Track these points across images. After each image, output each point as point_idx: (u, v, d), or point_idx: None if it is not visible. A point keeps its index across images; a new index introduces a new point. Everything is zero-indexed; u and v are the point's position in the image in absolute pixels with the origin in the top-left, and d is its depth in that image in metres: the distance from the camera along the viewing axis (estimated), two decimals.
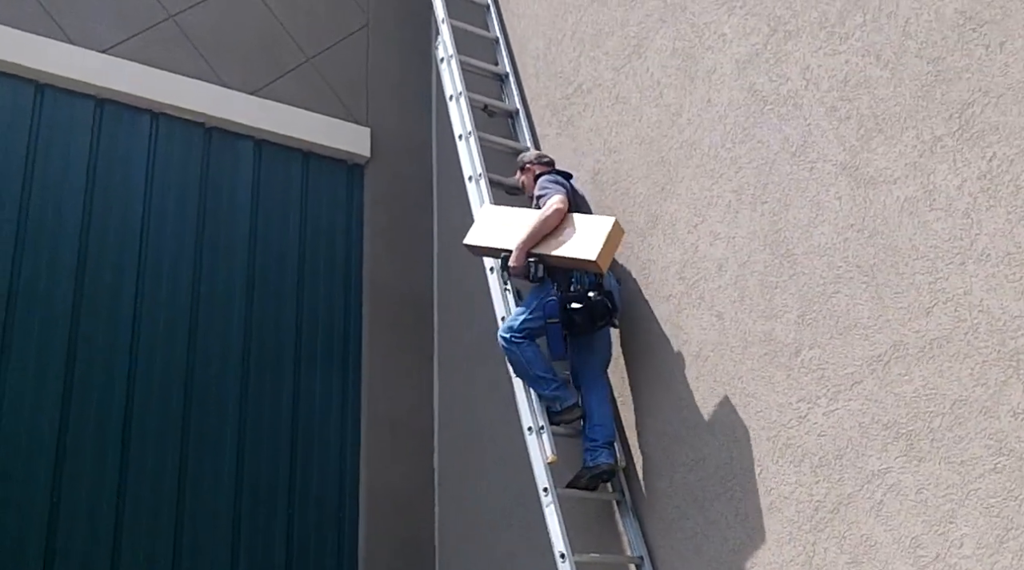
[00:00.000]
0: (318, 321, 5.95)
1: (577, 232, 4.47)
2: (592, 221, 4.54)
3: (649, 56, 4.95)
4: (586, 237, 4.42)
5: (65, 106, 5.46)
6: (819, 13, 4.08)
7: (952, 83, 3.52)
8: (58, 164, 5.35)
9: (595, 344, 4.66)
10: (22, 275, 5.07)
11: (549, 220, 4.51)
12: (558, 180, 4.77)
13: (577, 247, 4.41)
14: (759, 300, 4.13)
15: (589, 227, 4.47)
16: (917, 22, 3.68)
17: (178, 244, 5.59)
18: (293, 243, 6.01)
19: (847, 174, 3.85)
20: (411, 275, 6.34)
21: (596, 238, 4.38)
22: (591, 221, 4.53)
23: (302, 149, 6.21)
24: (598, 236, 4.38)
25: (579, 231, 4.47)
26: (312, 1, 6.55)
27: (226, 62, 6.02)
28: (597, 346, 4.67)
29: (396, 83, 6.69)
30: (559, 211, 4.52)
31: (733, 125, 4.41)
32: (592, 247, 4.35)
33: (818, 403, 3.80)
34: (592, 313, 4.40)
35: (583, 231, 4.46)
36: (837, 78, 3.96)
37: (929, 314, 3.46)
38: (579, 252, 4.39)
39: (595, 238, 4.38)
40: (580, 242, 4.42)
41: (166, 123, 5.76)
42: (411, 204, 6.50)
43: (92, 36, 5.59)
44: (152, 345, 5.34)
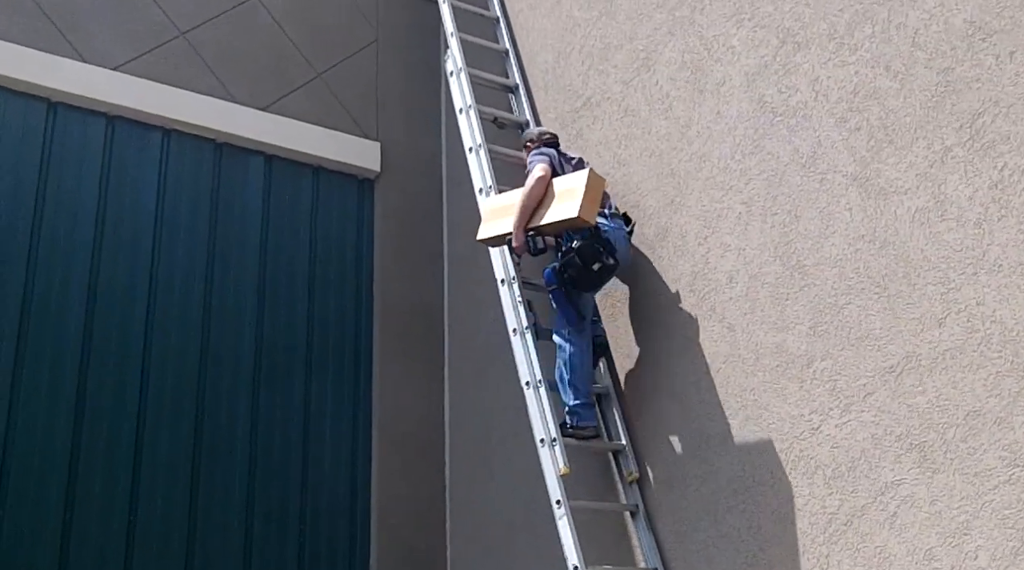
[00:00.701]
0: (329, 335, 5.97)
1: (559, 194, 4.57)
2: (569, 179, 4.63)
3: (658, 69, 4.96)
4: (567, 196, 4.52)
5: (77, 123, 5.49)
6: (828, 25, 4.09)
7: (962, 93, 3.52)
8: (70, 181, 5.38)
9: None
10: (35, 291, 5.10)
11: (534, 191, 4.59)
12: (542, 150, 4.84)
13: (560, 209, 4.51)
14: (770, 312, 4.12)
15: (567, 186, 4.57)
16: (926, 33, 3.69)
17: (189, 259, 5.61)
18: (304, 257, 6.03)
19: (857, 185, 3.85)
20: (421, 288, 6.35)
21: (575, 194, 4.47)
22: (568, 179, 4.63)
23: (312, 164, 6.24)
24: (576, 192, 4.47)
25: (560, 192, 4.57)
26: (322, 17, 6.58)
27: (236, 78, 6.06)
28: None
29: (406, 97, 6.72)
30: (541, 180, 4.60)
31: (743, 137, 4.41)
32: (572, 204, 4.44)
33: (831, 415, 3.79)
34: (582, 259, 4.46)
35: (564, 191, 4.56)
36: (847, 89, 3.97)
37: (942, 325, 3.45)
38: (563, 213, 4.48)
39: (574, 194, 4.47)
40: (562, 203, 4.52)
41: (177, 139, 5.79)
42: (421, 217, 6.52)
43: (104, 54, 5.62)
44: (164, 359, 5.35)
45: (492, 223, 4.88)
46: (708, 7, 4.72)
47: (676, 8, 4.91)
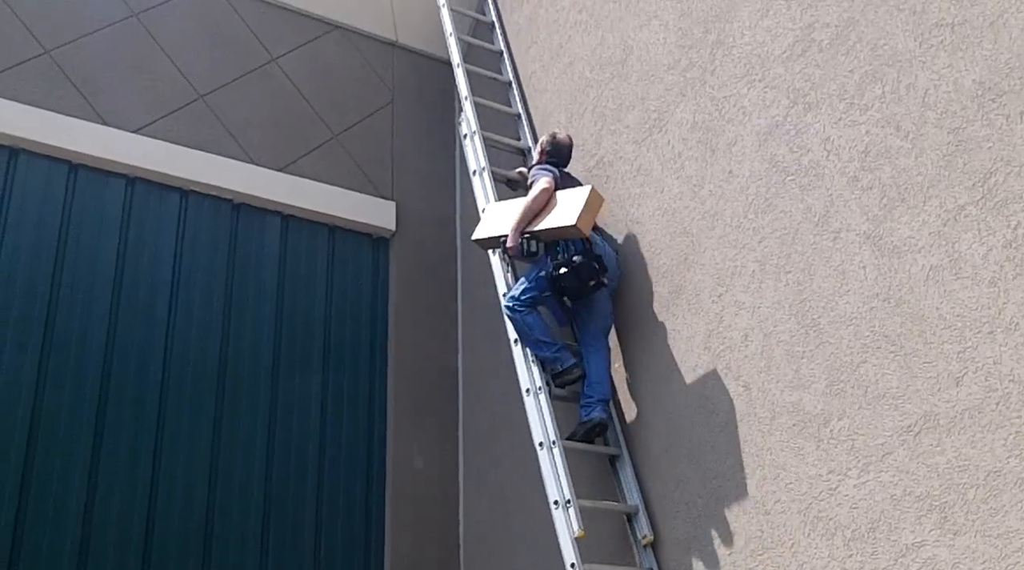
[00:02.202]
0: (343, 394, 5.97)
1: (559, 205, 4.88)
2: (572, 193, 4.92)
3: (670, 129, 5.01)
4: (566, 207, 4.83)
5: (97, 185, 5.58)
6: (838, 85, 4.13)
7: (974, 153, 3.54)
8: (89, 240, 5.45)
9: (594, 308, 4.95)
10: (53, 348, 5.14)
11: (537, 199, 4.89)
12: (546, 167, 5.12)
13: (559, 217, 4.81)
14: (786, 370, 4.10)
15: (569, 198, 4.88)
16: (936, 93, 3.72)
17: (206, 318, 5.65)
18: (319, 316, 6.06)
19: (871, 243, 3.85)
20: (436, 347, 6.36)
21: (575, 206, 4.78)
22: (571, 193, 4.92)
23: (328, 223, 6.30)
24: (577, 204, 4.79)
25: (560, 204, 4.88)
26: (339, 80, 6.70)
27: (254, 140, 6.15)
28: (596, 309, 4.95)
29: (421, 158, 6.80)
30: (545, 191, 4.90)
31: (755, 196, 4.43)
32: (571, 214, 4.75)
33: (849, 475, 3.74)
34: (579, 275, 4.75)
35: (564, 203, 4.87)
36: (858, 148, 3.99)
37: (959, 384, 3.42)
38: (561, 221, 4.78)
39: (574, 206, 4.78)
40: (561, 212, 4.83)
41: (195, 200, 5.86)
42: (435, 276, 6.55)
43: (124, 117, 5.73)
44: (178, 419, 5.36)
45: (489, 226, 5.19)
46: (719, 68, 4.78)
47: (687, 69, 4.97)
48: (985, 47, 3.57)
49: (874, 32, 4.02)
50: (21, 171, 5.38)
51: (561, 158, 5.27)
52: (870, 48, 4.02)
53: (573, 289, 4.81)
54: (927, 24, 3.81)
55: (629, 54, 5.40)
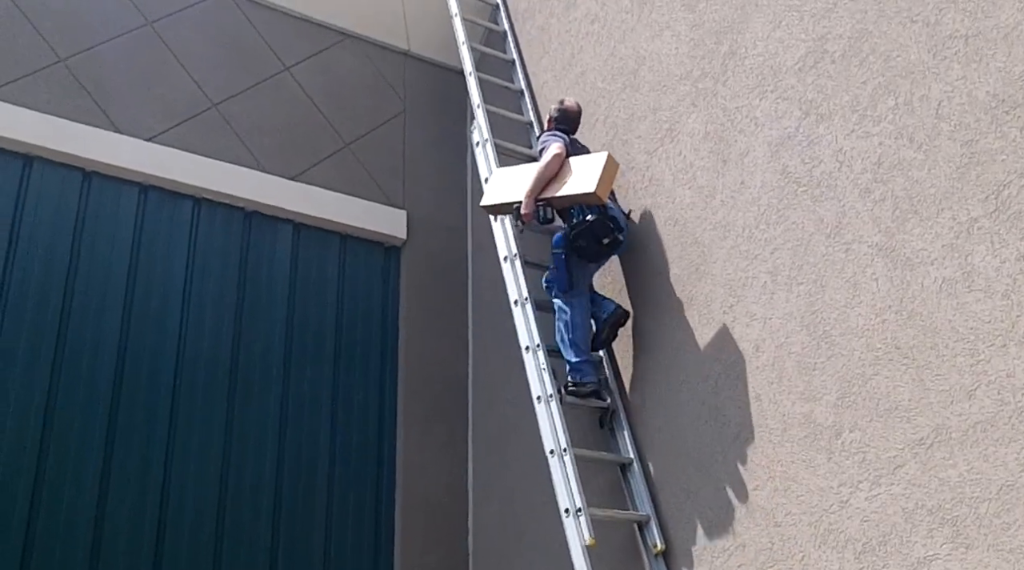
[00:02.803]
0: (353, 401, 5.98)
1: (575, 172, 4.90)
2: (588, 160, 4.96)
3: (682, 139, 5.01)
4: (584, 174, 4.85)
5: (110, 192, 5.61)
6: (851, 97, 4.13)
7: (987, 165, 3.53)
8: (102, 248, 5.47)
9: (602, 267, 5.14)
10: (66, 354, 5.17)
11: (550, 165, 4.92)
12: (556, 133, 5.17)
13: (577, 184, 4.83)
14: (797, 381, 4.09)
15: (586, 165, 4.90)
16: (949, 105, 3.71)
17: (217, 325, 5.67)
18: (330, 324, 6.07)
19: (883, 255, 3.84)
20: (446, 355, 6.37)
21: (593, 173, 4.80)
22: (587, 160, 4.96)
23: (339, 232, 6.32)
24: (594, 171, 4.81)
25: (577, 170, 4.90)
26: (351, 89, 6.73)
27: (267, 149, 6.18)
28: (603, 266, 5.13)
29: (432, 166, 6.82)
30: (557, 156, 4.94)
31: (767, 207, 4.43)
32: (590, 181, 4.77)
33: (860, 487, 3.73)
34: (594, 232, 4.84)
35: (580, 170, 4.89)
36: (870, 160, 3.98)
37: (971, 397, 3.41)
38: (579, 188, 4.80)
39: (592, 173, 4.81)
40: (579, 179, 4.84)
41: (207, 208, 5.89)
42: (446, 284, 6.57)
43: (138, 125, 5.76)
44: (190, 426, 5.38)
45: (499, 192, 5.15)
46: (731, 79, 4.78)
47: (699, 80, 4.98)
48: (999, 59, 3.57)
49: (887, 44, 4.02)
50: (35, 179, 5.41)
51: (570, 125, 5.32)
52: (883, 60, 4.02)
53: (589, 248, 4.90)
54: (940, 36, 3.80)
55: (641, 64, 5.41)
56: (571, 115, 5.34)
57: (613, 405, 4.99)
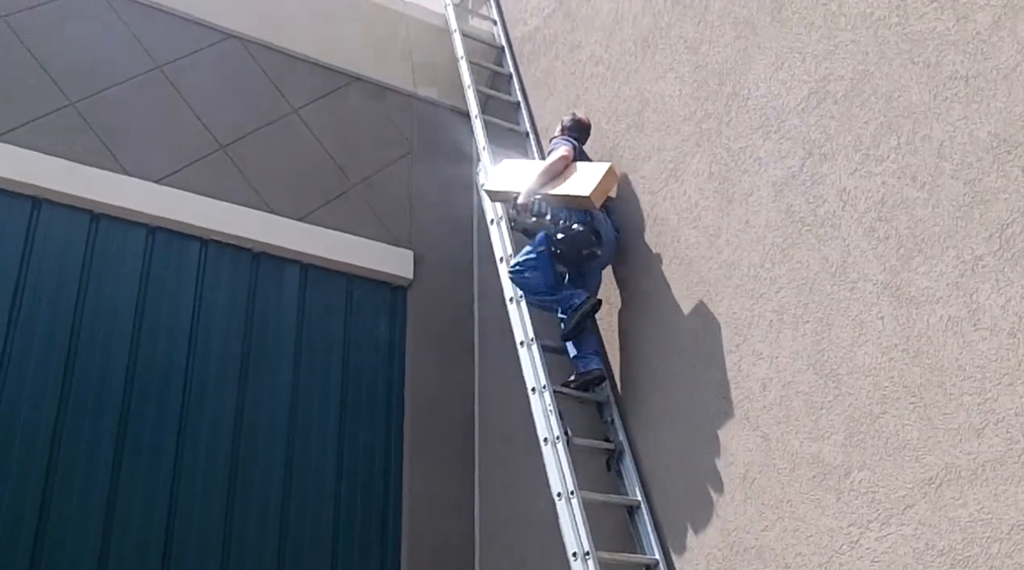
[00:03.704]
0: (359, 444, 5.95)
1: (576, 175, 5.13)
2: (590, 166, 5.20)
3: (686, 179, 5.04)
4: (584, 178, 5.08)
5: (118, 234, 5.64)
6: (853, 137, 4.16)
7: (990, 204, 3.55)
8: (109, 289, 5.49)
9: (587, 279, 5.28)
10: (71, 395, 5.16)
11: (555, 165, 5.18)
12: (566, 138, 5.43)
13: (575, 186, 5.06)
14: (805, 421, 4.08)
15: (587, 171, 5.15)
16: (951, 145, 3.74)
17: (223, 367, 5.66)
18: (336, 364, 6.07)
19: (889, 294, 3.85)
20: (452, 396, 6.35)
21: (592, 179, 5.04)
22: (590, 166, 5.20)
23: (346, 272, 6.34)
24: (594, 177, 5.05)
25: (578, 174, 5.14)
26: (358, 131, 6.78)
27: (274, 190, 6.22)
28: (588, 282, 5.28)
29: (438, 207, 6.85)
30: (564, 158, 5.20)
31: (772, 246, 4.45)
32: (587, 185, 5.01)
33: (870, 527, 3.70)
34: (576, 242, 5.05)
35: (582, 174, 5.13)
36: (874, 199, 4.01)
37: (980, 436, 3.40)
38: (576, 190, 5.04)
39: (591, 179, 5.05)
40: (578, 182, 5.08)
41: (215, 249, 5.91)
42: (452, 324, 6.57)
43: (146, 167, 5.81)
44: (194, 465, 5.35)
45: (504, 181, 5.45)
46: (734, 119, 4.82)
47: (703, 121, 5.02)
48: (999, 100, 3.60)
49: (888, 85, 4.06)
50: (44, 220, 5.44)
51: (580, 134, 5.56)
52: (885, 100, 4.06)
53: (568, 254, 5.12)
54: (941, 77, 3.84)
55: (645, 106, 5.46)
56: (583, 126, 5.61)
57: (620, 446, 4.98)
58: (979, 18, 3.75)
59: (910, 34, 4.02)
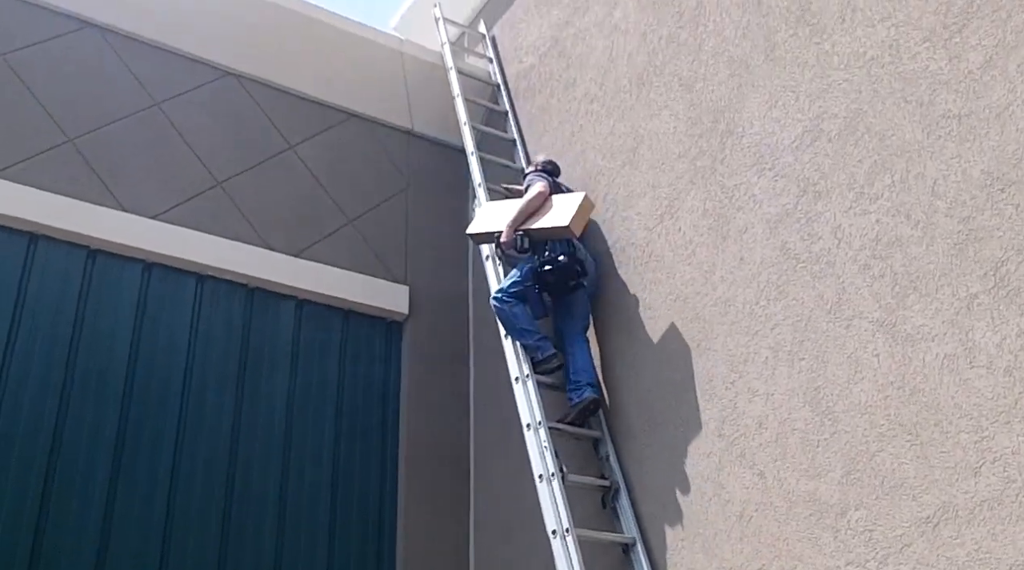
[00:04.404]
0: (354, 478, 5.91)
1: (554, 207, 5.30)
2: (567, 198, 5.36)
3: (681, 216, 5.06)
4: (561, 210, 5.24)
5: (115, 270, 5.63)
6: (847, 175, 4.18)
7: (984, 241, 3.56)
8: (105, 325, 5.47)
9: (574, 309, 5.35)
10: (66, 429, 5.12)
11: (532, 201, 5.33)
12: (541, 173, 5.60)
13: (554, 218, 5.23)
14: (801, 458, 4.06)
15: (564, 202, 5.31)
16: (945, 183, 3.76)
17: (218, 401, 5.64)
18: (331, 400, 6.04)
19: (884, 331, 3.85)
20: (447, 432, 6.33)
21: (569, 209, 5.20)
22: (566, 198, 5.37)
23: (342, 307, 6.34)
24: (571, 207, 5.21)
25: (556, 206, 5.30)
26: (354, 167, 6.81)
27: (271, 226, 6.23)
28: (576, 311, 5.35)
29: (434, 242, 6.87)
30: (540, 193, 5.35)
31: (767, 283, 4.45)
32: (565, 215, 5.16)
33: (867, 567, 3.68)
34: (563, 273, 5.19)
35: (558, 206, 5.29)
36: (869, 237, 4.02)
37: (977, 474, 3.38)
38: (555, 221, 5.20)
39: (568, 209, 5.20)
40: (555, 214, 5.24)
41: (211, 285, 5.91)
42: (448, 359, 6.56)
43: (143, 203, 5.82)
44: (188, 501, 5.31)
45: (484, 222, 5.58)
46: (728, 157, 4.85)
47: (697, 158, 5.05)
48: (992, 138, 3.63)
49: (882, 123, 4.09)
50: (40, 256, 5.44)
51: (554, 170, 5.76)
52: (878, 138, 4.09)
53: (555, 285, 5.26)
54: (934, 115, 3.88)
55: (640, 143, 5.50)
56: (555, 164, 5.82)
57: (615, 484, 4.95)
58: (971, 58, 3.79)
59: (903, 73, 4.06)
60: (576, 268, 5.23)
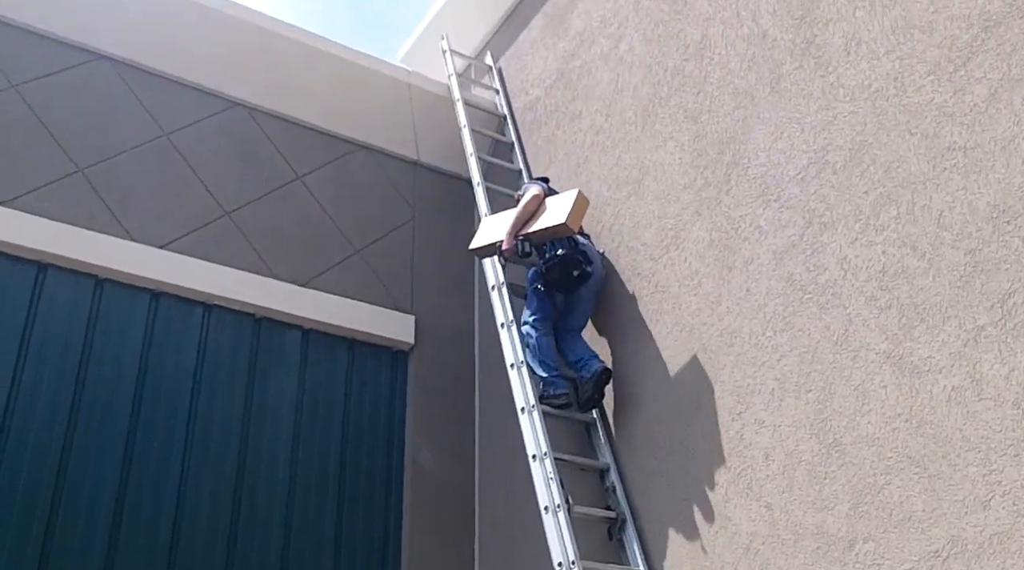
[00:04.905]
0: (359, 508, 5.89)
1: (550, 208, 5.37)
2: (561, 197, 5.42)
3: (687, 247, 5.07)
4: (557, 209, 5.31)
5: (122, 299, 5.65)
6: (853, 206, 4.19)
7: (991, 273, 3.56)
8: (112, 353, 5.48)
9: (576, 307, 5.46)
10: (72, 456, 5.13)
11: (528, 205, 5.40)
12: (535, 180, 5.73)
13: (550, 217, 5.29)
14: (809, 490, 4.04)
15: (559, 202, 5.37)
16: (951, 215, 3.77)
17: (224, 431, 5.64)
18: (336, 429, 6.04)
19: (891, 363, 3.84)
20: (452, 462, 6.31)
21: (564, 206, 5.26)
22: (560, 197, 5.43)
23: (348, 337, 6.34)
24: (566, 205, 5.26)
25: (551, 207, 5.37)
26: (361, 197, 6.85)
27: (278, 255, 6.25)
28: (577, 309, 5.46)
29: (440, 272, 6.89)
30: (536, 197, 5.43)
31: (773, 314, 4.45)
32: (562, 213, 5.22)
33: None
34: (566, 265, 5.25)
35: (554, 206, 5.36)
36: (875, 268, 4.02)
37: (987, 508, 3.36)
38: (552, 220, 5.25)
39: (564, 207, 5.26)
40: (552, 213, 5.31)
41: (218, 314, 5.93)
42: (453, 389, 6.55)
43: (152, 233, 5.85)
44: (193, 531, 5.29)
45: (485, 236, 5.66)
46: (734, 188, 4.87)
47: (703, 189, 5.07)
48: (998, 170, 3.64)
49: (887, 155, 4.10)
50: (49, 285, 5.46)
51: (548, 178, 5.90)
52: (884, 170, 4.10)
53: (560, 280, 5.30)
54: (939, 147, 3.89)
55: (645, 174, 5.52)
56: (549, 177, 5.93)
57: (622, 515, 4.92)
58: (976, 90, 3.81)
59: (908, 106, 4.08)
60: (578, 258, 5.28)
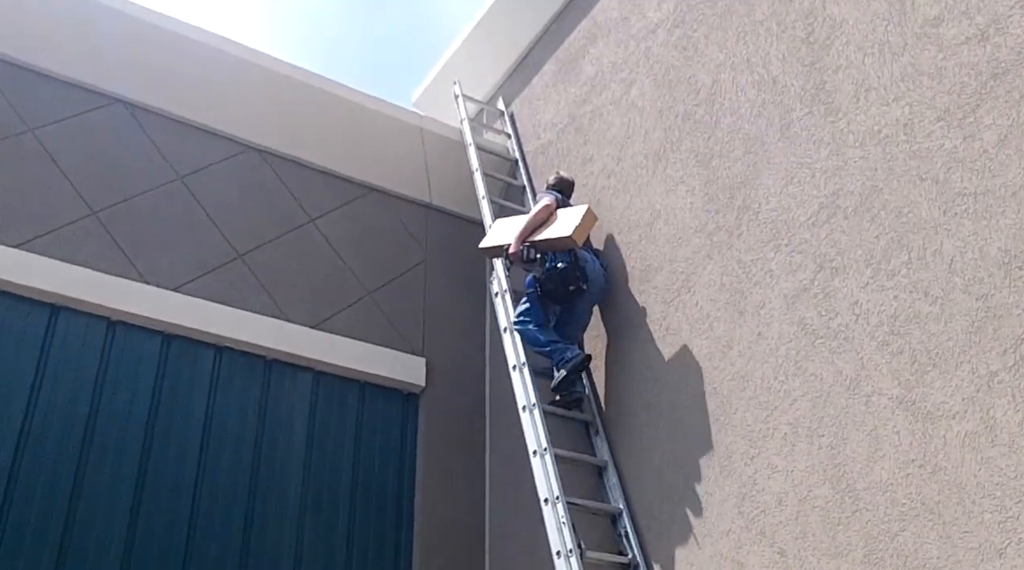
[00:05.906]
0: (368, 553, 5.85)
1: (559, 220, 5.60)
2: (571, 210, 5.67)
3: (698, 290, 5.08)
4: (565, 221, 5.55)
5: (135, 341, 5.67)
6: (864, 251, 4.20)
7: (1003, 319, 3.56)
8: (124, 395, 5.49)
9: (574, 315, 5.65)
10: (82, 499, 5.12)
11: (539, 215, 5.65)
12: (549, 191, 5.95)
13: (557, 229, 5.53)
14: (822, 537, 4.01)
15: (568, 215, 5.62)
16: (962, 260, 3.77)
17: (234, 472, 5.62)
18: (347, 472, 6.02)
19: (904, 408, 3.83)
20: (462, 505, 6.27)
21: (572, 220, 5.51)
22: (570, 210, 5.68)
23: (359, 379, 6.34)
24: (574, 219, 5.52)
25: (560, 219, 5.61)
26: (374, 240, 6.89)
27: (290, 298, 6.28)
28: (576, 317, 5.66)
29: (451, 315, 6.90)
30: (547, 207, 5.67)
31: (784, 358, 4.45)
32: (568, 226, 5.47)
33: None
34: (562, 279, 5.45)
35: (563, 218, 5.60)
36: (887, 313, 4.02)
37: (1002, 555, 3.33)
38: (558, 232, 5.49)
39: (571, 221, 5.51)
40: (560, 225, 5.54)
41: (229, 356, 5.94)
42: (464, 431, 6.53)
43: (165, 276, 5.88)
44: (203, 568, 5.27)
45: (495, 237, 5.90)
46: (745, 233, 4.88)
47: (714, 233, 5.09)
48: (1009, 216, 3.65)
49: (898, 200, 4.12)
50: (61, 327, 5.49)
51: (563, 189, 6.06)
52: (895, 215, 4.11)
53: (556, 292, 5.50)
54: (950, 193, 3.90)
55: (657, 217, 5.54)
56: (565, 182, 6.11)
57: (634, 561, 4.88)
58: (985, 137, 3.83)
59: (918, 151, 4.10)
60: (575, 273, 5.45)
